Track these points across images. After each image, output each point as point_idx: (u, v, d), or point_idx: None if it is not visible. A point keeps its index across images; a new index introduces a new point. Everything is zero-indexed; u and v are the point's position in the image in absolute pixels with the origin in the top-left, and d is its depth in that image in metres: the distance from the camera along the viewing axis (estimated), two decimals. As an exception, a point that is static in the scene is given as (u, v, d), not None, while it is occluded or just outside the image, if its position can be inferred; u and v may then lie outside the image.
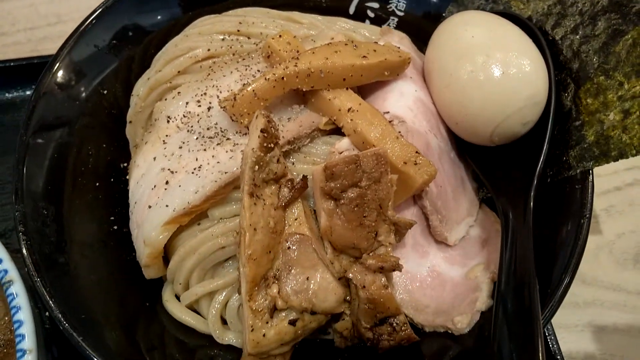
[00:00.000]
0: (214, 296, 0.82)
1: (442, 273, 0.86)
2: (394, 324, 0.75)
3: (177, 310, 0.83)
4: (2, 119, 1.20)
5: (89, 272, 0.82)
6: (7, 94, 1.25)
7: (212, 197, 0.78)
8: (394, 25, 1.12)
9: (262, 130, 0.71)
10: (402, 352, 0.77)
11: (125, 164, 0.99)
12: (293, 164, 0.83)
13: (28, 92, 1.24)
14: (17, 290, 0.72)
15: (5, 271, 0.73)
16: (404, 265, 0.75)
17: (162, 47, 1.02)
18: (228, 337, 0.81)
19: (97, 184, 0.93)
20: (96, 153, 0.95)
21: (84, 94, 0.96)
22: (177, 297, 0.86)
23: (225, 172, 0.79)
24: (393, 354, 0.78)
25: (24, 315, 0.70)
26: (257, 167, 0.71)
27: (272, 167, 0.73)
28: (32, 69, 1.21)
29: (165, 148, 0.85)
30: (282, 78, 0.79)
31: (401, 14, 1.11)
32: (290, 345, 0.73)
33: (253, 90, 0.78)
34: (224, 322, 0.83)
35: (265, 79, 0.79)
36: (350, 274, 0.74)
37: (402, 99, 0.86)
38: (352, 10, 1.12)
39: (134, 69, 1.04)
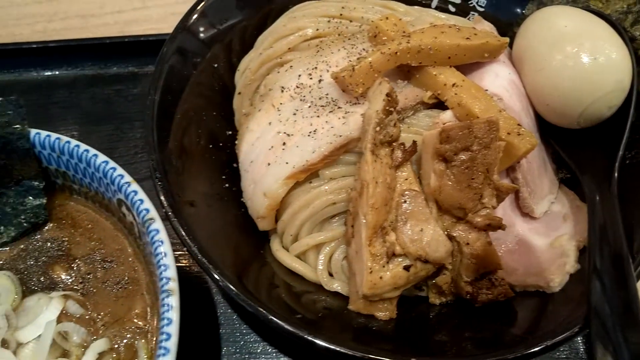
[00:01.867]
0: (321, 248, 0.90)
1: (528, 241, 0.93)
2: (493, 279, 0.82)
3: (288, 259, 0.91)
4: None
5: (210, 221, 0.90)
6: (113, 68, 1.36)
7: (328, 157, 0.87)
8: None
9: (387, 95, 0.79)
10: (498, 306, 0.84)
11: (230, 132, 1.08)
12: (398, 132, 0.91)
13: (121, 68, 1.36)
14: (158, 227, 0.80)
15: (147, 210, 0.82)
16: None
17: (259, 31, 1.12)
18: (335, 285, 0.88)
19: (210, 146, 1.02)
20: (208, 119, 1.05)
21: (198, 67, 1.06)
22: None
23: (340, 136, 0.87)
24: (488, 308, 0.85)
25: (165, 248, 0.79)
26: (378, 128, 0.80)
27: (389, 130, 0.81)
28: (127, 47, 1.35)
29: (279, 114, 0.94)
30: (396, 53, 0.88)
31: (481, 9, 1.19)
32: (400, 290, 0.80)
33: (370, 63, 0.87)
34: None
35: (381, 52, 0.87)
36: (454, 232, 0.82)
37: (498, 80, 0.94)
38: (434, 4, 1.21)
39: (234, 48, 1.14)
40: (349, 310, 0.85)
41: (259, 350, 0.97)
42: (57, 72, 1.35)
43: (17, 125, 0.89)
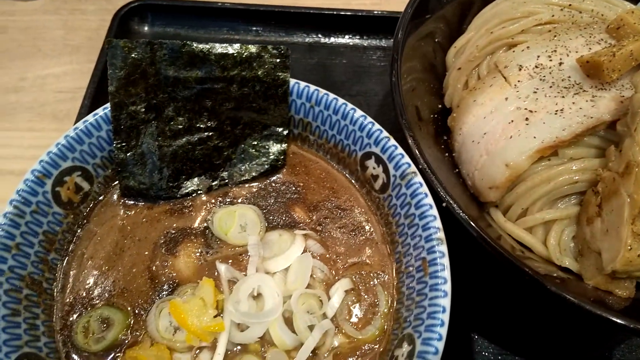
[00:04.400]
0: (551, 225, 0.94)
1: None
2: None
3: (518, 230, 0.95)
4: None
5: (446, 182, 0.94)
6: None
7: (577, 137, 0.90)
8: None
9: (663, 81, 0.82)
10: None
11: (440, 105, 1.13)
12: None
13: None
14: (421, 180, 0.86)
15: (408, 164, 0.87)
16: None
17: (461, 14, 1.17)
18: (565, 261, 0.92)
19: (431, 116, 1.07)
20: (425, 93, 1.10)
21: (424, 45, 1.11)
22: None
23: (591, 117, 0.90)
24: None
25: (430, 200, 0.84)
26: (647, 111, 0.83)
27: (653, 115, 0.84)
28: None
29: (517, 91, 0.98)
30: (655, 44, 0.90)
31: None
32: (649, 272, 0.83)
33: (631, 51, 0.90)
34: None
35: (643, 42, 0.90)
36: None
37: None
38: None
39: (442, 29, 1.19)
40: (580, 284, 0.89)
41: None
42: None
43: (281, 74, 0.96)
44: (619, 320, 0.75)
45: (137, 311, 0.87)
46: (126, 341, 0.84)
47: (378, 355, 0.84)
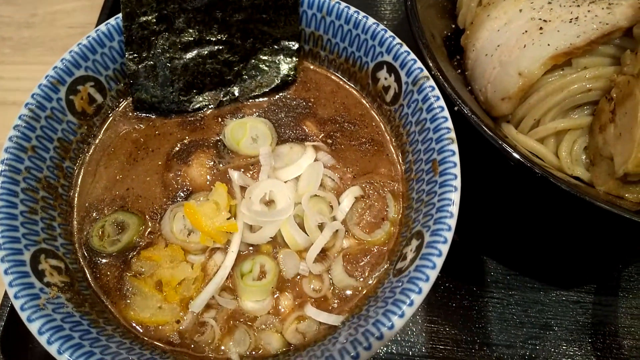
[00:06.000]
0: (562, 136, 0.93)
1: None
2: None
3: (530, 141, 0.95)
4: None
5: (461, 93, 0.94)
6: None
7: (592, 43, 0.89)
8: None
9: (685, -22, 0.80)
10: None
11: (453, 25, 1.12)
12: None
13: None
14: (433, 84, 0.85)
15: (420, 69, 0.87)
16: None
17: None
18: (577, 170, 0.92)
19: (441, 33, 1.06)
20: (438, 12, 1.09)
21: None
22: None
23: (607, 24, 0.89)
24: None
25: (441, 102, 0.83)
26: (669, 11, 0.81)
27: (672, 17, 0.82)
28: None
29: (532, 2, 0.96)
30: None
31: None
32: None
33: (651, -47, 0.88)
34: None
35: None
36: None
37: None
38: None
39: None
40: (592, 190, 0.88)
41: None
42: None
43: (291, -17, 0.95)
44: (633, 218, 0.75)
45: (151, 216, 0.89)
46: (141, 243, 0.86)
47: (386, 255, 0.85)
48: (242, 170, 0.91)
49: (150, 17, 0.94)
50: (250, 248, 0.85)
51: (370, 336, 0.67)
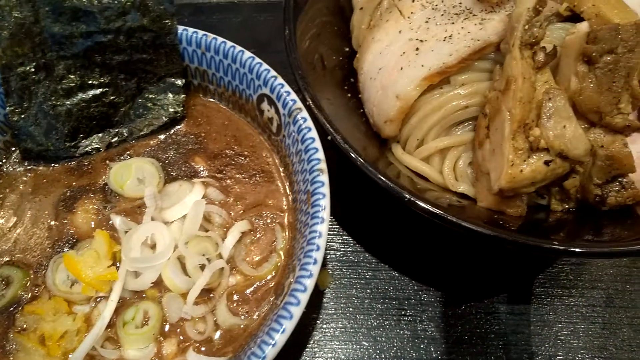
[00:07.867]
0: (446, 153, 0.94)
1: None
2: (623, 182, 0.84)
3: (414, 161, 0.95)
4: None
5: (340, 120, 0.94)
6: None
7: (464, 60, 0.89)
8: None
9: (538, -8, 0.81)
10: (619, 213, 0.86)
11: (347, 48, 1.12)
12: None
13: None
14: (305, 116, 0.85)
15: (294, 101, 0.87)
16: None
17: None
18: (460, 187, 0.92)
19: (334, 58, 1.06)
20: (329, 37, 1.09)
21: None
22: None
23: (478, 40, 0.89)
24: (608, 214, 0.87)
25: (313, 134, 0.83)
26: (527, 26, 0.82)
27: (534, 31, 0.83)
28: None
29: (410, 23, 0.97)
30: (537, -39, 0.89)
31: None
32: (536, 187, 0.83)
33: (514, -31, 0.89)
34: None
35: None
36: (589, 136, 0.84)
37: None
38: None
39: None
40: (474, 207, 0.89)
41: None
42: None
43: (167, 21, 0.94)
44: (505, 236, 0.76)
45: (37, 268, 0.87)
46: (25, 297, 0.85)
47: (273, 289, 0.84)
48: (125, 214, 0.90)
49: (28, 67, 0.93)
50: (136, 295, 0.84)
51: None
